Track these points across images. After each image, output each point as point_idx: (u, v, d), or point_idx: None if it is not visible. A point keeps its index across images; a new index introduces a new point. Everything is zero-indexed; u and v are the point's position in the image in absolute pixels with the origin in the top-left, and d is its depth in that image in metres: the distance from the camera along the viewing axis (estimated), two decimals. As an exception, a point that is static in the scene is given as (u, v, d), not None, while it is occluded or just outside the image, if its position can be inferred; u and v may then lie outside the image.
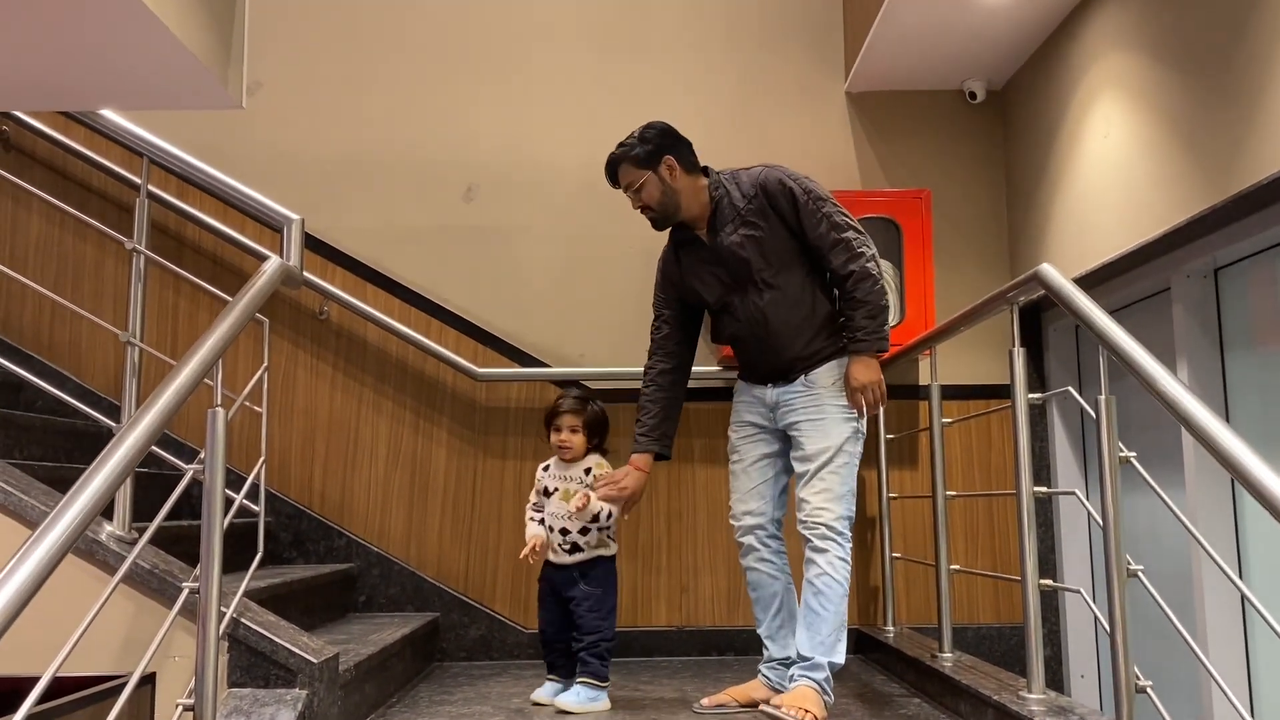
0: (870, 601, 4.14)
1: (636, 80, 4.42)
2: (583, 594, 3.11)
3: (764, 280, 2.95)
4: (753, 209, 2.95)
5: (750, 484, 3.06)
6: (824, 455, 2.89)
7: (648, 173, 2.99)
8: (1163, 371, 1.95)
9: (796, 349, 2.96)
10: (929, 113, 4.39)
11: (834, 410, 2.92)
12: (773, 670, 3.05)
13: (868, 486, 4.17)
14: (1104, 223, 3.44)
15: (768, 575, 3.05)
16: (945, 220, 4.30)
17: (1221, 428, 1.74)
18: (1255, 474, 1.62)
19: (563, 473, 3.20)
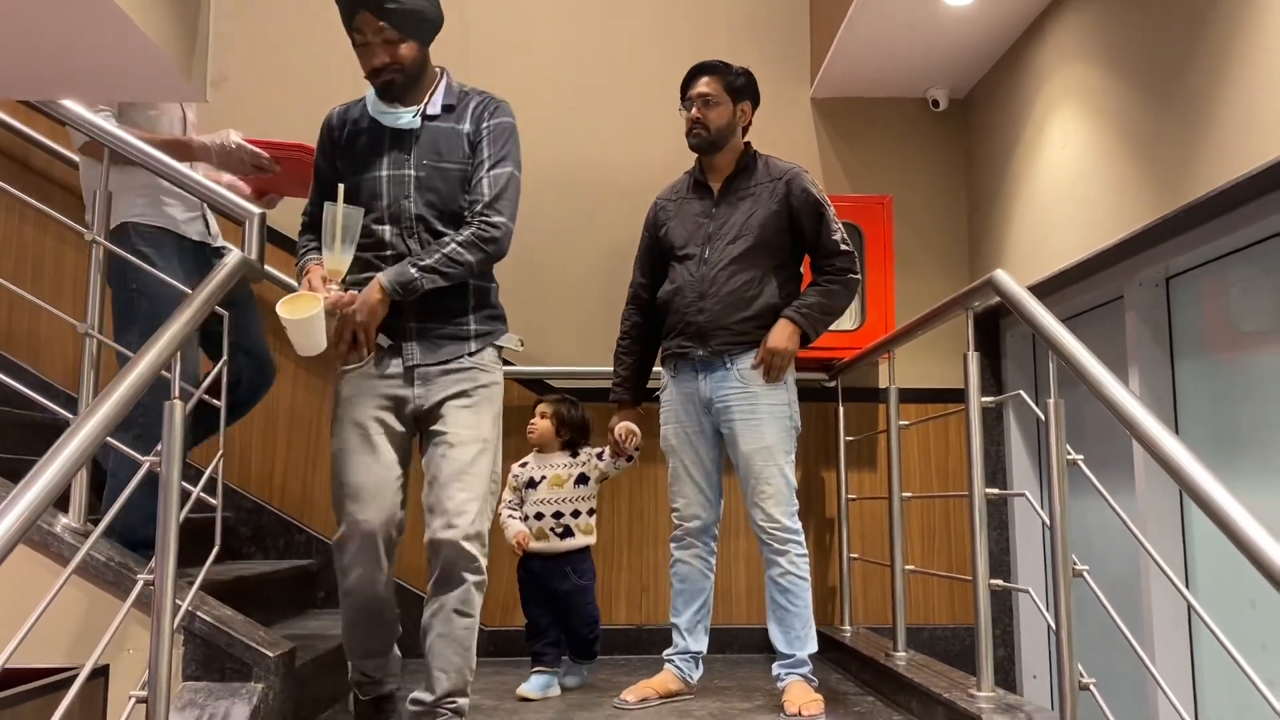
0: (828, 601, 4.18)
1: (604, 82, 4.44)
2: (576, 588, 3.30)
3: (736, 245, 3.03)
4: (769, 188, 3.08)
5: (694, 488, 3.13)
6: (762, 456, 2.97)
7: (728, 99, 3.14)
8: (1109, 377, 1.99)
9: (727, 319, 3.00)
10: (893, 120, 4.44)
11: (768, 405, 2.99)
12: (684, 661, 3.15)
13: (827, 488, 4.22)
14: (1060, 231, 3.51)
15: (700, 572, 3.15)
16: (907, 226, 4.35)
17: (1164, 432, 1.78)
18: (1195, 478, 1.66)
19: (545, 462, 3.37)
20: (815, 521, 4.21)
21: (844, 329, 4.10)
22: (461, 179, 2.43)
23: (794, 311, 2.98)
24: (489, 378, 2.47)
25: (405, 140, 2.44)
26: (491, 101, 2.51)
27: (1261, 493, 2.82)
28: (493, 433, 2.45)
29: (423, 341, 2.41)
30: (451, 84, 2.52)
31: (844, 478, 4.04)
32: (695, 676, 3.17)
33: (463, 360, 2.42)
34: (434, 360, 2.41)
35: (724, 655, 4.05)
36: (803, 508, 4.16)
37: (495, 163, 2.44)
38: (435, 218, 2.42)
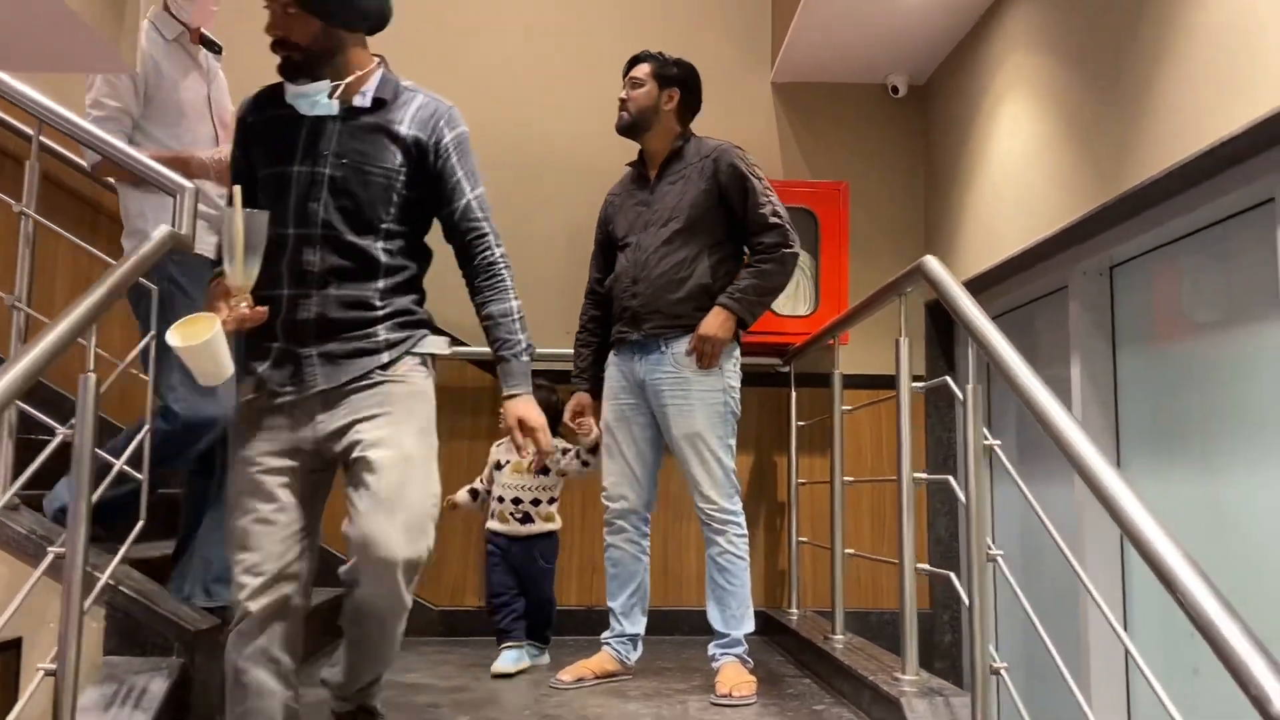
0: (777, 585, 4.20)
1: (565, 64, 4.42)
2: (541, 571, 3.37)
3: (668, 227, 3.04)
4: (699, 167, 3.08)
5: (625, 468, 3.13)
6: (696, 439, 2.98)
7: (654, 84, 3.14)
8: (1022, 366, 2.00)
9: (661, 301, 3.02)
10: (852, 105, 4.44)
11: (699, 391, 2.99)
12: (620, 643, 3.17)
13: (779, 472, 4.23)
14: (1008, 220, 3.51)
15: (632, 556, 3.15)
16: (864, 213, 4.35)
17: (1069, 422, 1.78)
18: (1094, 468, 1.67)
19: (509, 445, 3.33)
20: (766, 505, 4.23)
21: (798, 314, 4.12)
22: (385, 188, 2.05)
23: (726, 298, 2.98)
24: (408, 389, 2.06)
25: (324, 133, 2.05)
26: (445, 108, 2.16)
27: (1200, 482, 2.83)
28: (420, 449, 2.04)
29: (326, 364, 2.02)
30: (388, 77, 2.15)
31: (794, 462, 4.05)
32: (633, 658, 3.18)
33: (374, 376, 2.03)
34: (339, 382, 2.02)
35: (672, 637, 4.06)
36: (755, 492, 4.20)
37: (475, 183, 2.17)
38: (345, 228, 2.03)
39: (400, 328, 2.08)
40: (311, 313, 2.02)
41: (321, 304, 2.02)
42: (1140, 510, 1.52)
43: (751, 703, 2.84)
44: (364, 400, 2.02)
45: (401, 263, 2.10)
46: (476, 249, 2.18)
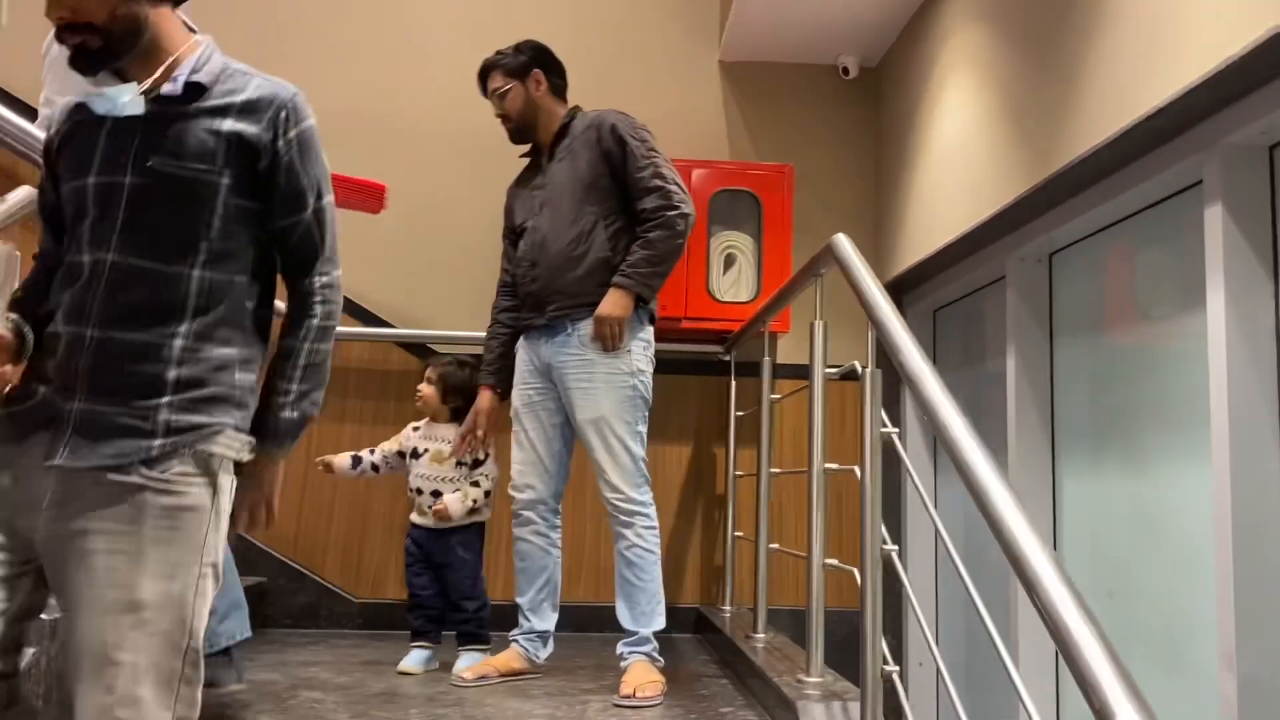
0: (714, 581, 4.06)
1: (501, 38, 4.26)
2: (459, 561, 3.13)
3: (560, 205, 2.93)
4: (582, 139, 2.96)
5: (532, 457, 2.99)
6: (602, 425, 2.85)
7: (515, 82, 3.03)
8: (915, 353, 1.85)
9: (561, 281, 2.89)
10: (803, 87, 4.29)
11: (605, 377, 2.85)
12: (528, 640, 3.02)
13: (718, 464, 4.09)
14: (950, 204, 3.37)
15: (540, 549, 3.00)
16: (813, 197, 4.20)
17: (951, 410, 1.64)
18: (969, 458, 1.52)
19: (431, 433, 3.22)
20: (705, 499, 4.08)
21: (739, 300, 3.97)
22: (202, 198, 1.56)
23: (619, 275, 2.84)
24: (175, 501, 1.46)
25: (127, 133, 1.57)
26: (286, 94, 1.63)
27: (1134, 474, 2.70)
28: (164, 594, 1.43)
29: (80, 432, 1.46)
30: (211, 58, 1.65)
31: (733, 454, 3.91)
32: (542, 655, 3.04)
33: (130, 473, 1.44)
34: (83, 465, 1.44)
35: (600, 634, 3.91)
36: (693, 485, 4.06)
37: (320, 194, 1.65)
38: (142, 249, 1.53)
39: (192, 406, 1.50)
40: (84, 361, 1.49)
41: (99, 351, 1.49)
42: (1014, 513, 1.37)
43: (656, 704, 2.69)
44: (104, 510, 1.43)
45: (224, 301, 1.56)
46: (302, 272, 1.64)
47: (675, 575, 4.02)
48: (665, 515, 4.02)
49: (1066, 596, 1.22)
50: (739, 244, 3.96)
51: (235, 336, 1.56)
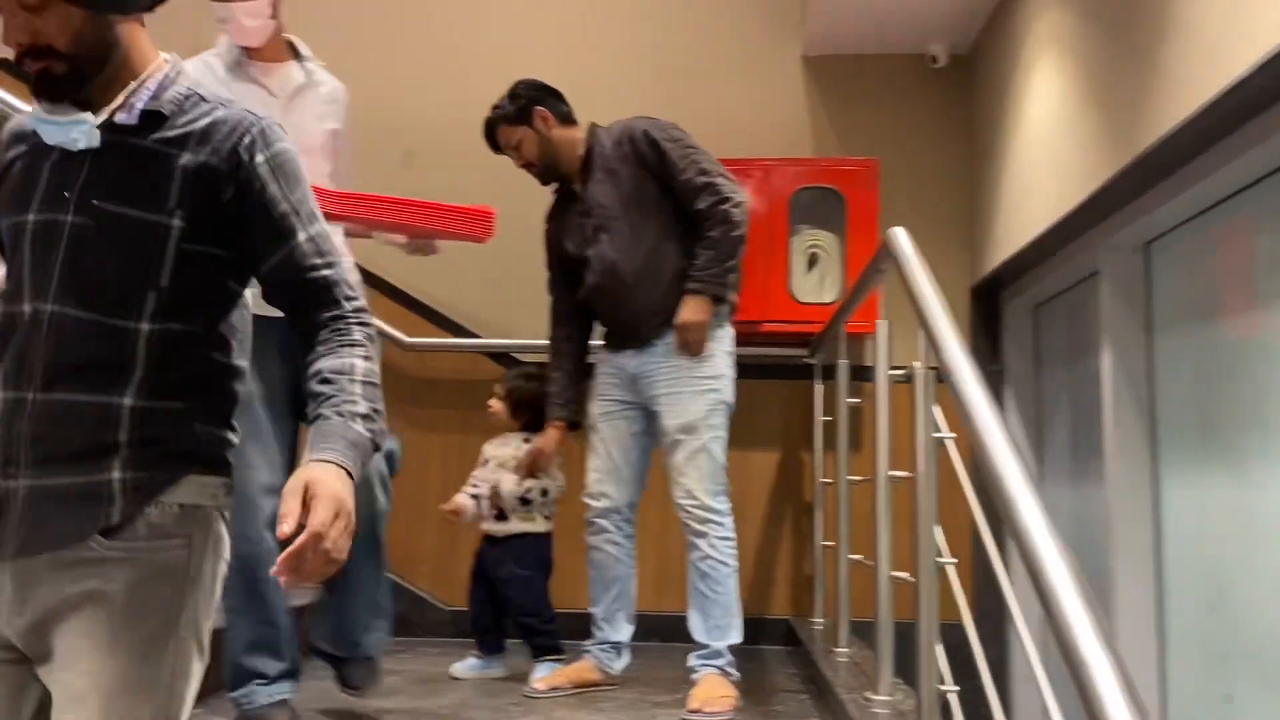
0: (805, 592, 3.94)
1: (580, 42, 4.26)
2: (515, 577, 3.10)
3: (619, 229, 2.86)
4: (616, 155, 2.88)
5: (609, 465, 2.95)
6: (687, 432, 2.79)
7: (523, 128, 2.96)
8: (961, 356, 1.73)
9: (644, 302, 2.84)
10: (889, 78, 4.14)
11: (692, 383, 2.80)
12: (603, 651, 2.97)
13: (803, 470, 3.97)
14: (1039, 195, 3.19)
15: (614, 558, 2.96)
16: (901, 192, 4.04)
17: (989, 413, 1.52)
18: (999, 463, 1.41)
19: (502, 442, 3.24)
20: (793, 507, 3.97)
21: (822, 301, 3.85)
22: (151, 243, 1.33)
23: (691, 282, 2.77)
24: (143, 571, 1.27)
25: (74, 165, 1.35)
26: (252, 121, 1.40)
27: (1242, 479, 2.48)
28: (139, 681, 1.25)
29: (32, 512, 1.27)
30: (176, 82, 1.41)
31: (819, 460, 3.79)
32: (617, 666, 2.99)
33: (92, 549, 1.26)
34: (41, 550, 1.26)
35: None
36: (780, 492, 3.95)
37: (309, 218, 1.41)
38: (84, 299, 1.31)
39: (151, 463, 1.30)
40: (26, 428, 1.28)
41: (42, 416, 1.28)
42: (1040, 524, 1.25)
43: (725, 719, 2.62)
44: (67, 591, 1.25)
45: (181, 355, 1.34)
46: (319, 305, 1.38)
47: (764, 586, 3.92)
48: (752, 524, 3.93)
49: (1082, 612, 1.10)
50: (822, 243, 3.84)
51: (196, 390, 1.35)
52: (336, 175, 2.54)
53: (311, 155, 2.29)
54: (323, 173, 2.37)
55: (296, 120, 2.41)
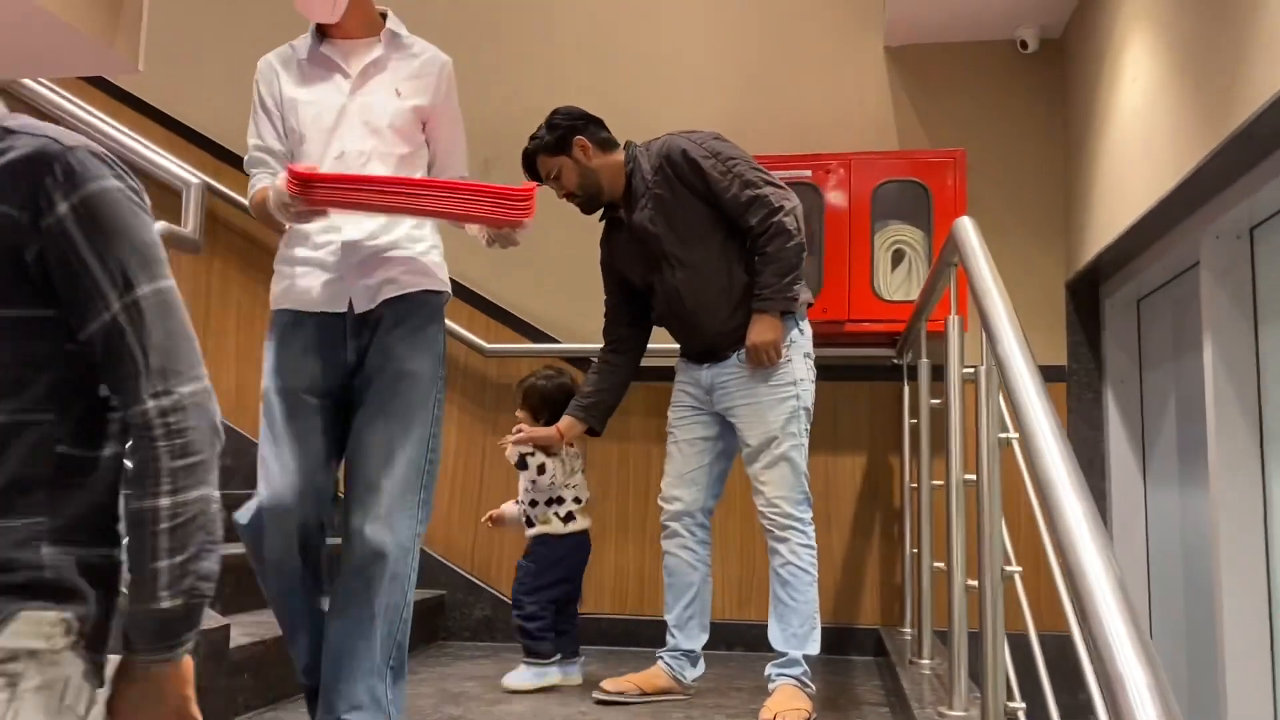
0: (895, 600, 3.80)
1: (659, 40, 4.21)
2: (519, 567, 3.14)
3: (676, 256, 2.81)
4: (658, 181, 2.81)
5: (685, 468, 2.92)
6: (768, 442, 2.75)
7: (562, 158, 2.90)
8: (1018, 348, 1.62)
9: (717, 325, 2.81)
10: (977, 66, 3.98)
11: (768, 391, 2.76)
12: (675, 659, 2.91)
13: (892, 474, 3.84)
14: (1134, 181, 3.01)
15: (687, 564, 2.90)
16: (989, 184, 3.88)
17: (1044, 421, 1.41)
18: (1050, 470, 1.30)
19: None
20: (882, 513, 3.84)
21: (911, 299, 3.71)
22: None
23: (757, 300, 2.72)
24: None
25: None
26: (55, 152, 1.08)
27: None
28: None
29: None
30: None
31: (907, 464, 3.66)
32: (690, 675, 2.93)
33: None
34: None
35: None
36: (869, 498, 3.82)
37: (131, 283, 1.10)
38: None
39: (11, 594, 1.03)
40: None
41: None
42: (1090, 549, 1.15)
43: None
44: None
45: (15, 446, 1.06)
46: (125, 400, 1.11)
47: (853, 595, 3.80)
48: (839, 531, 3.82)
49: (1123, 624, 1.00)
50: (908, 238, 3.71)
51: (40, 497, 1.06)
52: (421, 156, 2.29)
53: (379, 135, 2.20)
54: (393, 154, 2.20)
55: (366, 98, 2.22)
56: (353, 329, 2.18)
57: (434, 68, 2.31)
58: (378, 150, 2.20)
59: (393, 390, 2.15)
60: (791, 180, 3.73)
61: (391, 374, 2.16)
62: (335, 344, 2.18)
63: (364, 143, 2.19)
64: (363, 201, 2.02)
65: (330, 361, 2.18)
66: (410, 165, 2.25)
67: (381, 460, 2.11)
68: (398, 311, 2.18)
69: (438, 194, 2.06)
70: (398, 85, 2.25)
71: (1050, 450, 1.29)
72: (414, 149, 2.27)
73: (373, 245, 2.19)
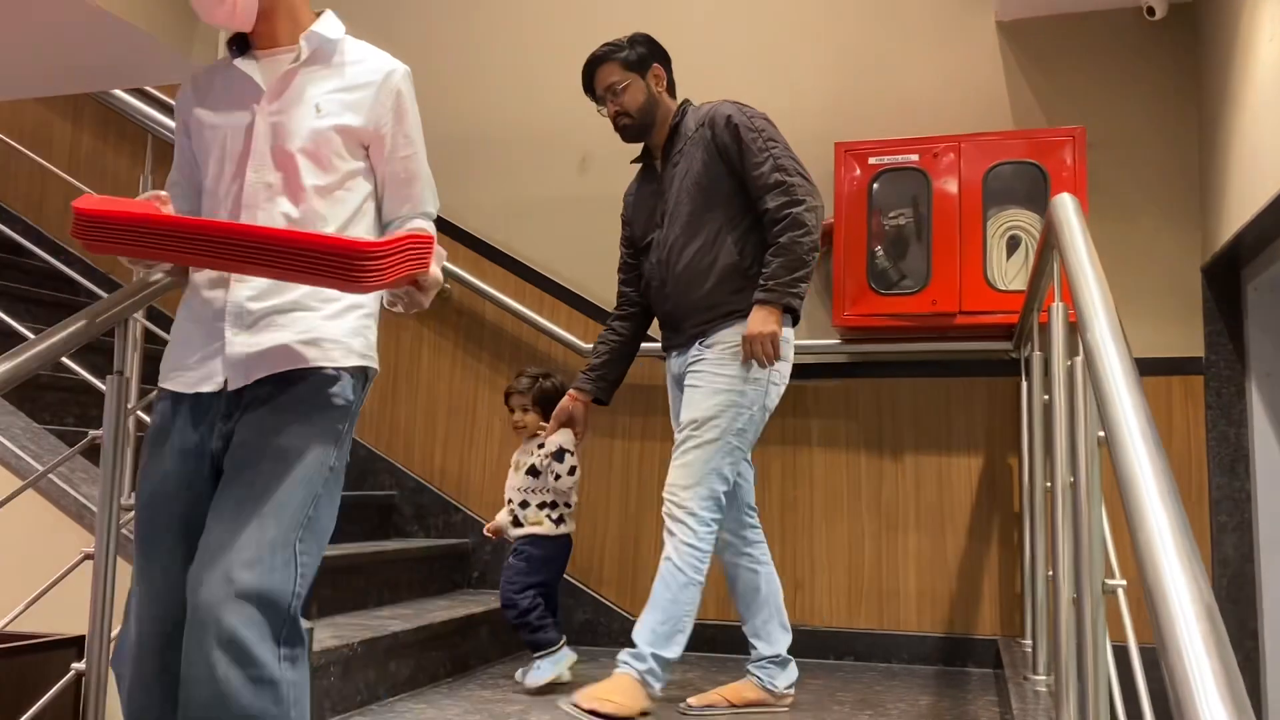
0: (1015, 610, 3.57)
1: (755, 27, 4.08)
2: (507, 567, 3.08)
3: (680, 213, 2.73)
4: (696, 139, 2.74)
5: None
6: (691, 427, 2.63)
7: (634, 76, 2.83)
8: (1110, 336, 1.44)
9: (693, 297, 2.71)
10: (1098, 37, 3.70)
11: (713, 379, 2.64)
12: (760, 669, 2.78)
13: (1011, 476, 3.60)
14: (1272, 147, 2.73)
15: (745, 569, 2.79)
16: (1112, 162, 3.61)
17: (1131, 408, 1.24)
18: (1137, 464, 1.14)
19: (528, 447, 3.18)
20: (1000, 516, 3.61)
21: (1024, 289, 3.48)
22: None
23: (760, 291, 2.60)
24: None
25: None
26: None
27: None
28: None
29: None
30: None
31: (1026, 465, 3.42)
32: (782, 682, 2.79)
33: None
34: None
35: (887, 664, 3.58)
36: (986, 501, 3.60)
37: None
38: None
39: None
40: None
41: None
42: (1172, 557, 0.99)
43: None
44: None
45: None
46: None
47: (970, 604, 3.59)
48: (954, 536, 3.61)
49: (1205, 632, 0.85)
50: (1024, 223, 3.47)
51: None
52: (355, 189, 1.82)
53: (288, 163, 1.74)
54: (305, 185, 1.75)
55: (278, 118, 1.77)
56: (223, 415, 1.72)
57: (373, 77, 1.82)
58: (285, 182, 1.75)
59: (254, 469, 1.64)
60: (897, 166, 3.56)
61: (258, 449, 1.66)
62: (207, 429, 1.72)
63: (269, 173, 1.75)
64: (160, 250, 1.57)
65: (199, 454, 1.72)
66: (329, 200, 1.76)
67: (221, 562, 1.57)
68: (282, 391, 1.70)
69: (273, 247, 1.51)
70: (318, 100, 1.77)
71: (1133, 447, 1.13)
72: (336, 179, 1.77)
73: (262, 307, 1.72)
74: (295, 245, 1.50)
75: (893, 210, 3.58)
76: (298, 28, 1.82)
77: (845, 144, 3.63)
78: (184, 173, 1.89)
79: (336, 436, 1.72)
